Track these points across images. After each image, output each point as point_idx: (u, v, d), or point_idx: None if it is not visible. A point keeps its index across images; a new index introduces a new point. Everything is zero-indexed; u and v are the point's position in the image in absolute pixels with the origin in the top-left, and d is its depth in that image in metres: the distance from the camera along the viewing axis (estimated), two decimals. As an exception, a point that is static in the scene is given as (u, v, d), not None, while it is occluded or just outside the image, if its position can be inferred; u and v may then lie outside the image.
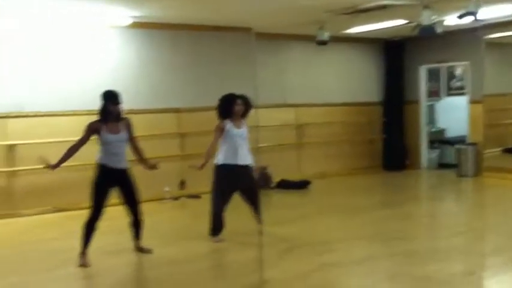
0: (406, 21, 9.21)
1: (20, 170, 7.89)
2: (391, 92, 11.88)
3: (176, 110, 9.19)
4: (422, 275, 4.96)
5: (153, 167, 5.76)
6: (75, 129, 7.96)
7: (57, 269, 5.43)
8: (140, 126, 6.48)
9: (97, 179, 5.43)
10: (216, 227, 6.14)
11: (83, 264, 5.34)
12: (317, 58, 10.96)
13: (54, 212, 8.09)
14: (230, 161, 6.02)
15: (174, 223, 7.69)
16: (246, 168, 6.11)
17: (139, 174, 5.78)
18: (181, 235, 6.73)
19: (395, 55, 11.84)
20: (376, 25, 9.61)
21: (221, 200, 6.09)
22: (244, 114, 6.20)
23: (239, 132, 6.08)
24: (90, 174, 5.53)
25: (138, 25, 8.56)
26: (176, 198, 8.96)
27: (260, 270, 4.73)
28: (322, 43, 9.69)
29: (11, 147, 7.83)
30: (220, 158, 6.06)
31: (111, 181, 5.46)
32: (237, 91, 6.27)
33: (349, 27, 9.93)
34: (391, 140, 11.79)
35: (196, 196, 8.96)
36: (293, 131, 10.81)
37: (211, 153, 6.08)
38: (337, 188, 10.05)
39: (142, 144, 5.88)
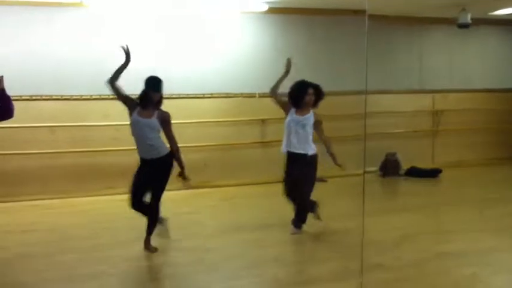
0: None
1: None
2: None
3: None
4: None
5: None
6: (212, 111, 8.60)
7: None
8: (271, 110, 6.67)
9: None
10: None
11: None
12: (458, 42, 10.53)
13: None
14: (287, 148, 5.88)
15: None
16: (298, 156, 5.85)
17: (267, 155, 5.90)
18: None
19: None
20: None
21: (286, 190, 5.94)
22: (315, 104, 5.94)
23: (298, 118, 5.83)
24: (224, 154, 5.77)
25: (272, 11, 8.81)
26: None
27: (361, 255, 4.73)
28: (464, 26, 9.24)
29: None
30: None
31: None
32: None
33: (494, 9, 9.40)
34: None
35: (322, 180, 9.06)
36: (428, 117, 10.51)
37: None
38: (470, 178, 9.60)
39: (277, 128, 5.98)
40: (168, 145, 5.42)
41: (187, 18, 8.57)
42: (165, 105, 5.42)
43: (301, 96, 5.81)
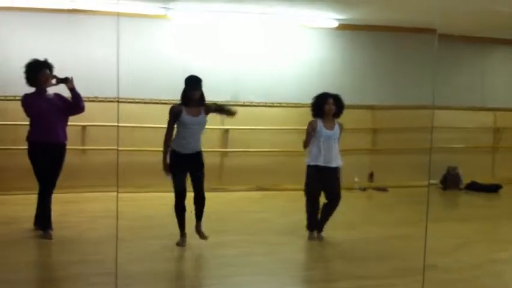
0: None
1: (231, 152, 9.18)
2: None
3: (371, 107, 9.79)
4: None
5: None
6: (279, 118, 9.17)
7: (256, 234, 6.42)
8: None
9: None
10: (311, 224, 6.22)
11: (179, 243, 5.73)
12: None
13: (256, 190, 9.22)
14: (317, 162, 6.04)
15: (358, 211, 8.30)
16: (331, 170, 6.07)
17: None
18: (361, 221, 7.38)
19: None
20: None
21: (312, 201, 6.14)
22: (336, 115, 6.18)
23: (328, 133, 6.06)
24: (291, 160, 6.30)
25: (341, 27, 9.32)
26: (364, 189, 9.57)
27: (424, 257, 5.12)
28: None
29: (225, 131, 9.12)
30: (310, 159, 6.09)
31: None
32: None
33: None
34: None
35: (383, 189, 9.49)
36: (490, 134, 10.74)
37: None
38: (531, 195, 9.80)
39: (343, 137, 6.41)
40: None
41: (261, 30, 9.24)
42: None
43: (321, 105, 6.10)
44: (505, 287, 4.92)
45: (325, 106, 6.07)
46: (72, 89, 5.88)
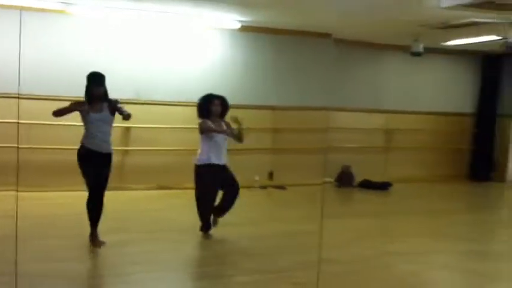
0: (499, 37, 9.49)
1: (132, 150, 9.12)
2: (484, 104, 12.09)
3: (272, 108, 10.07)
4: (472, 269, 5.53)
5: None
6: (180, 118, 9.19)
7: (157, 232, 6.46)
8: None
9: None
10: (206, 224, 6.29)
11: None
12: (412, 68, 11.43)
13: (157, 189, 9.21)
14: (211, 161, 6.17)
15: (257, 208, 8.53)
16: (223, 167, 6.25)
17: (232, 162, 6.47)
18: (261, 218, 7.64)
19: (492, 69, 12.04)
20: (470, 39, 9.93)
21: (207, 199, 6.21)
22: (222, 115, 6.35)
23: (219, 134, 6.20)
24: (192, 159, 6.38)
25: (244, 29, 9.51)
26: (264, 188, 9.83)
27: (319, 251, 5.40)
28: (417, 54, 10.15)
29: (127, 130, 9.03)
30: (201, 158, 6.21)
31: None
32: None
33: (444, 40, 10.32)
34: (480, 151, 12.03)
35: (282, 187, 9.80)
36: (382, 135, 11.38)
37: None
38: (418, 192, 10.51)
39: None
40: None
41: (164, 30, 9.25)
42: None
43: (207, 106, 6.25)
44: (394, 277, 5.27)
45: (212, 107, 6.23)
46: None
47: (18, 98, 7.23)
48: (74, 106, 5.60)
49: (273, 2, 7.66)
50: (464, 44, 10.50)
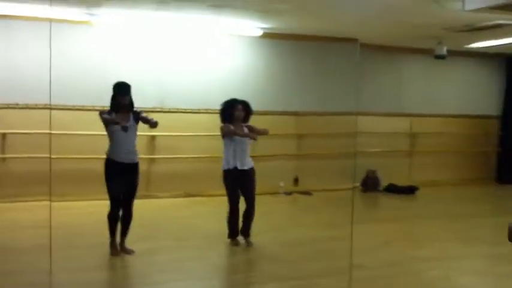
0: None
1: (158, 158, 9.19)
2: (510, 106, 11.93)
3: (295, 113, 10.08)
4: (502, 273, 5.50)
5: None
6: (204, 125, 9.23)
7: (185, 239, 6.49)
8: (263, 126, 7.27)
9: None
10: (231, 230, 6.30)
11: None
12: (435, 70, 11.33)
13: (183, 196, 9.26)
14: (231, 165, 6.17)
15: (283, 214, 8.55)
16: (246, 172, 6.23)
17: (257, 169, 6.44)
18: (287, 224, 7.63)
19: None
20: (494, 41, 9.84)
21: (231, 203, 6.18)
22: (245, 119, 6.34)
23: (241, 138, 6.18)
24: (217, 166, 6.41)
25: (266, 35, 9.54)
26: (289, 194, 9.82)
27: (350, 257, 5.40)
28: (441, 57, 10.06)
29: (152, 138, 9.11)
30: (223, 163, 6.23)
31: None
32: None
33: (468, 43, 10.23)
34: (506, 154, 11.88)
35: (307, 193, 9.79)
36: (406, 139, 11.30)
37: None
38: (445, 196, 10.38)
39: (264, 143, 6.48)
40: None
41: (187, 38, 9.32)
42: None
43: (230, 111, 6.23)
44: (424, 283, 5.25)
45: (235, 112, 6.21)
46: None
47: (50, 108, 7.35)
48: (112, 120, 5.56)
49: (295, 9, 7.67)
50: (489, 47, 10.41)
